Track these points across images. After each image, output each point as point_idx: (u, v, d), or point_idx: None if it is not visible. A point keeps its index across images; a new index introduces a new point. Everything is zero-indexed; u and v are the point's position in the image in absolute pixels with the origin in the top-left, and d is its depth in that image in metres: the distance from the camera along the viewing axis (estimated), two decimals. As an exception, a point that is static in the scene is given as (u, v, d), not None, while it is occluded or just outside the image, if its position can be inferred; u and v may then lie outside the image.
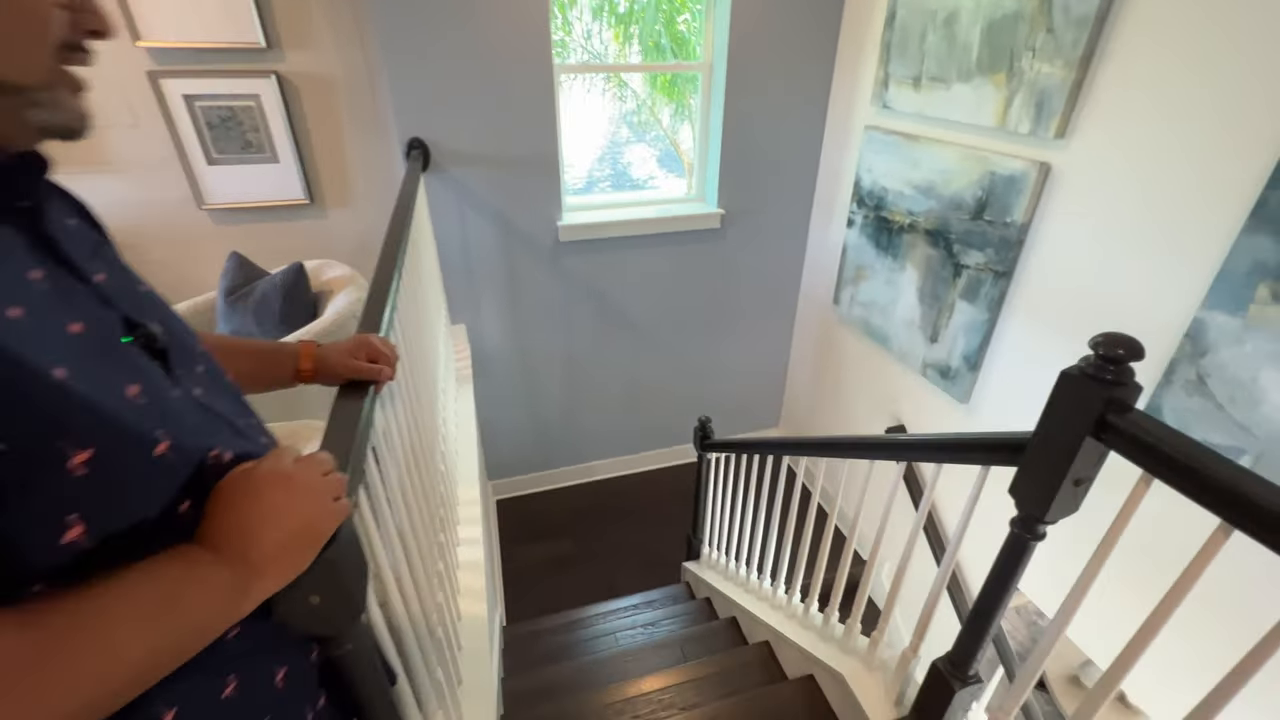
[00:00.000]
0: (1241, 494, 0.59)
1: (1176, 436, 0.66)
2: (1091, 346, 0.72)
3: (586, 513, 3.20)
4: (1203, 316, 1.36)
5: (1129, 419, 0.70)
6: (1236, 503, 0.60)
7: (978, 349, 2.00)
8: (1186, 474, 0.64)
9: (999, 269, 1.88)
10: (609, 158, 3.34)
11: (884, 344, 2.47)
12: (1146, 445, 0.67)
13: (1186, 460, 0.64)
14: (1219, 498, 0.61)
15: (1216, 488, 0.61)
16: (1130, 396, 0.71)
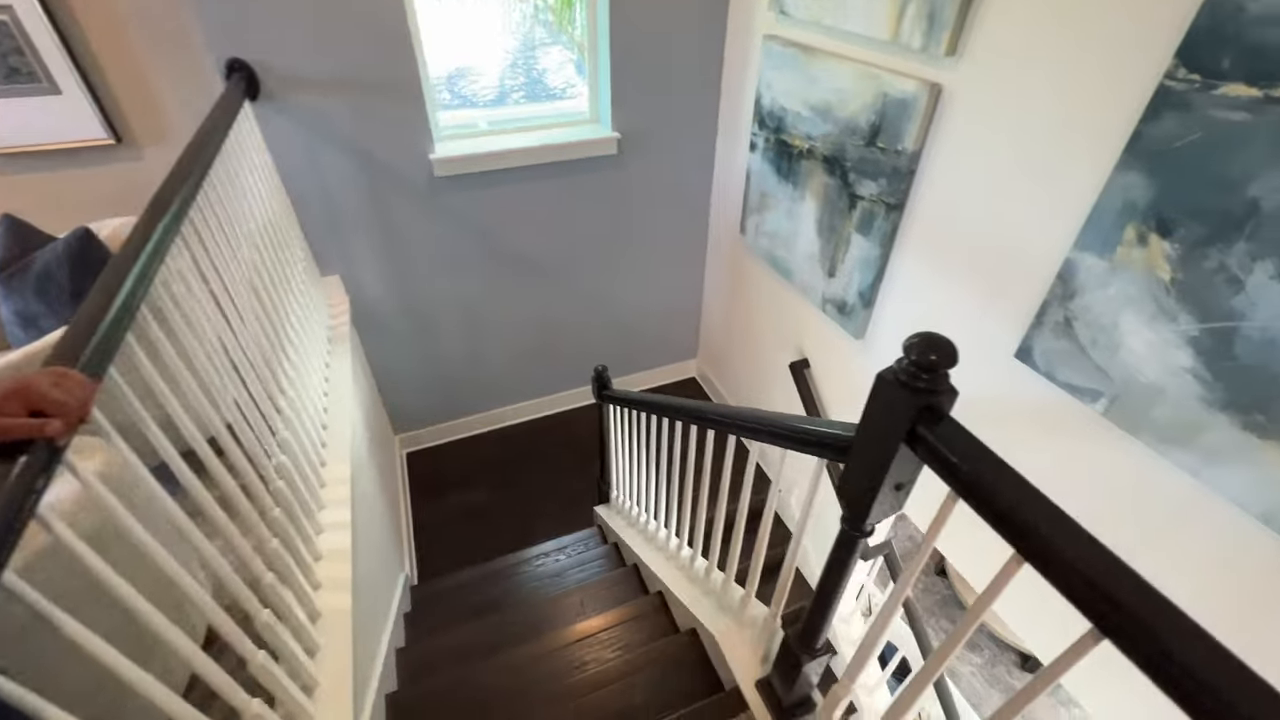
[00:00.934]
0: (1033, 529, 0.53)
1: (977, 459, 0.59)
2: (904, 350, 0.63)
3: (501, 460, 3.13)
4: (1074, 257, 1.31)
5: (938, 432, 0.62)
6: (1026, 538, 0.54)
7: (871, 285, 1.94)
8: (983, 502, 0.57)
9: (891, 201, 1.78)
10: (522, 66, 2.91)
11: (787, 277, 2.39)
12: (949, 464, 0.60)
13: (983, 487, 0.57)
14: (1010, 530, 0.55)
15: (1010, 520, 0.55)
16: (944, 404, 0.64)
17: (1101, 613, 0.49)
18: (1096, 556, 0.50)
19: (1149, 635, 0.46)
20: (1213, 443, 1.13)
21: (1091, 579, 0.49)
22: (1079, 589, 0.50)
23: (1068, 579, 0.51)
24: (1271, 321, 1.02)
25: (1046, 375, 1.42)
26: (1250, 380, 1.06)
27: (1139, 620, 0.46)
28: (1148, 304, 1.19)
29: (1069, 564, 0.51)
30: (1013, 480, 0.56)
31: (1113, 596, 0.48)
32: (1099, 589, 0.49)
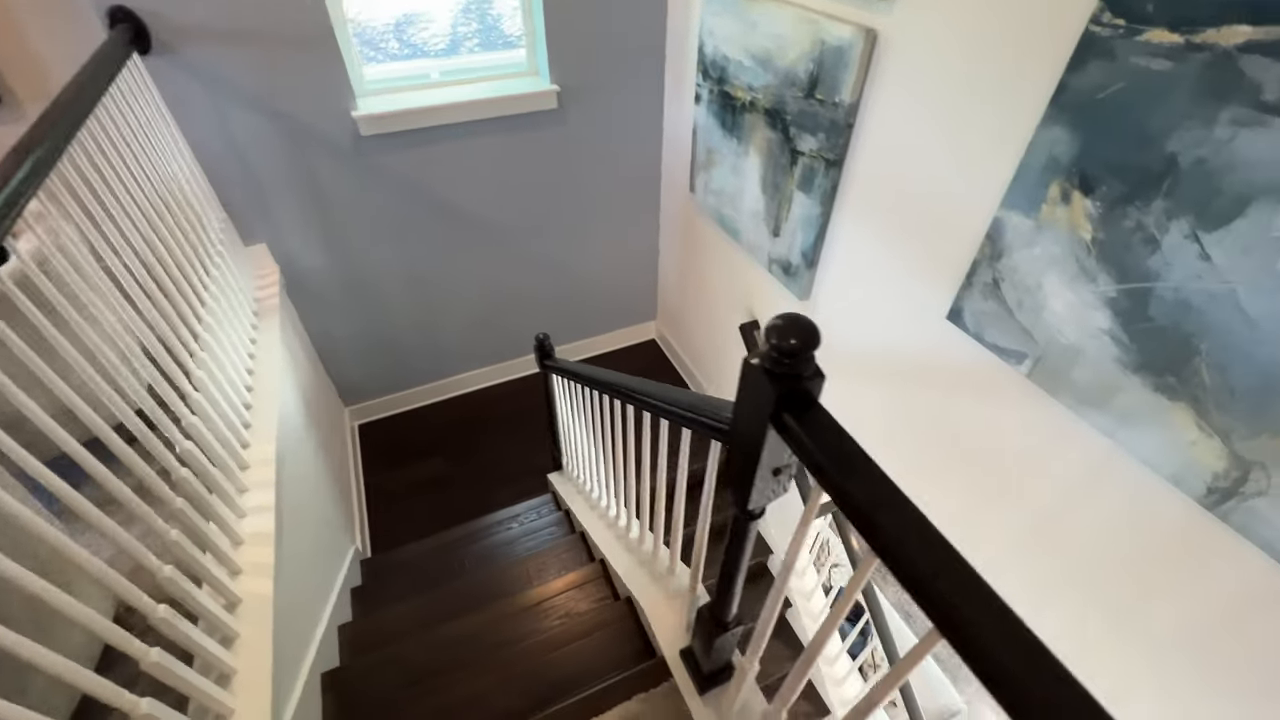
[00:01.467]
0: (879, 526, 0.51)
1: (835, 449, 0.55)
2: (766, 334, 0.58)
3: (457, 428, 3.09)
4: (1002, 216, 1.27)
5: (802, 419, 0.58)
6: (874, 533, 0.51)
7: (814, 245, 1.89)
8: (838, 493, 0.54)
9: (830, 157, 1.71)
10: (475, 11, 2.66)
11: (735, 237, 2.32)
12: (808, 452, 0.57)
13: (836, 479, 0.54)
14: (865, 527, 0.52)
15: (863, 515, 0.52)
16: (811, 389, 0.60)
17: (938, 612, 0.47)
18: (937, 555, 0.47)
19: (973, 637, 0.43)
20: (1127, 405, 1.13)
21: (930, 579, 0.47)
22: (917, 585, 0.48)
23: (910, 578, 0.48)
24: (1184, 282, 0.99)
25: (975, 337, 1.40)
26: (1163, 342, 1.05)
27: (967, 621, 0.44)
28: (1070, 264, 1.16)
29: (911, 563, 0.48)
30: (867, 473, 0.53)
31: (945, 597, 0.45)
32: (936, 590, 0.46)
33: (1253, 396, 0.95)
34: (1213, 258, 0.95)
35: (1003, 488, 1.47)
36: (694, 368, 3.24)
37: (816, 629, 1.82)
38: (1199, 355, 1.00)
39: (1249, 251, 0.90)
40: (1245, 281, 0.92)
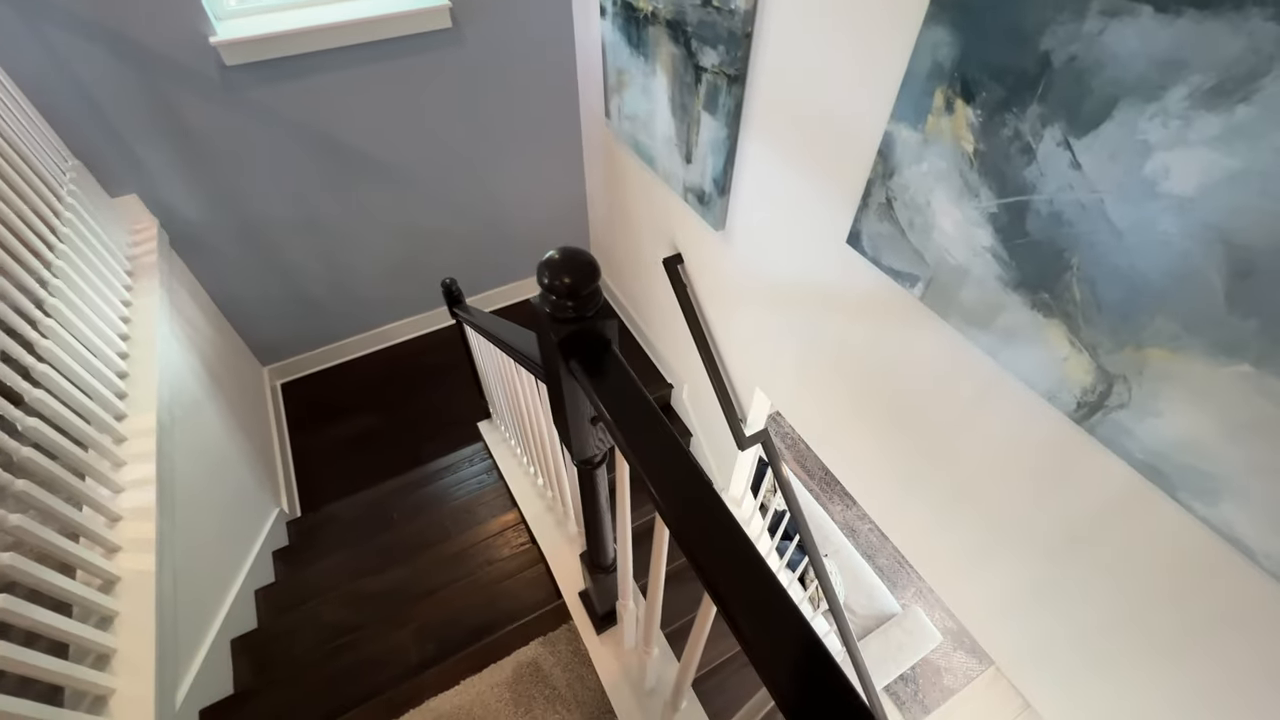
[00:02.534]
0: (641, 454, 0.46)
1: (618, 396, 0.50)
2: (539, 272, 0.52)
3: (385, 382, 2.99)
4: (892, 130, 1.20)
5: (589, 366, 0.53)
6: (645, 464, 0.47)
7: (723, 170, 1.79)
8: (624, 447, 0.49)
9: (731, 72, 1.59)
10: None
11: (651, 165, 2.20)
12: (594, 401, 0.52)
13: (620, 434, 0.49)
14: (635, 456, 0.48)
15: (644, 473, 0.48)
16: (598, 330, 0.54)
17: (702, 573, 0.43)
18: (702, 520, 0.43)
19: (730, 594, 0.40)
20: (1009, 323, 1.11)
21: (694, 546, 0.43)
22: (686, 545, 0.44)
23: (680, 536, 0.44)
24: (1057, 193, 0.95)
25: (873, 260, 1.36)
26: (1039, 257, 1.02)
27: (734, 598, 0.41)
28: (955, 179, 1.11)
29: (681, 524, 0.44)
30: (652, 430, 0.48)
31: (696, 557, 0.41)
32: (703, 556, 0.42)
33: (1117, 309, 0.93)
34: (1083, 166, 0.90)
35: (907, 412, 1.47)
36: (631, 309, 3.17)
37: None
38: (1070, 270, 0.98)
39: (1116, 157, 0.86)
40: (1112, 190, 0.88)
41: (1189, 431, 0.91)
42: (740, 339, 2.17)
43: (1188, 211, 0.81)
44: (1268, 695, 0.95)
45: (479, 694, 1.14)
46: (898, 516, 1.67)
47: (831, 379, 1.70)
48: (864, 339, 1.52)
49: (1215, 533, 0.92)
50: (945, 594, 1.60)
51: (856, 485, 1.80)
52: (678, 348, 2.70)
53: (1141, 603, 1.09)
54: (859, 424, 1.67)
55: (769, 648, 0.39)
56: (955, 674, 3.79)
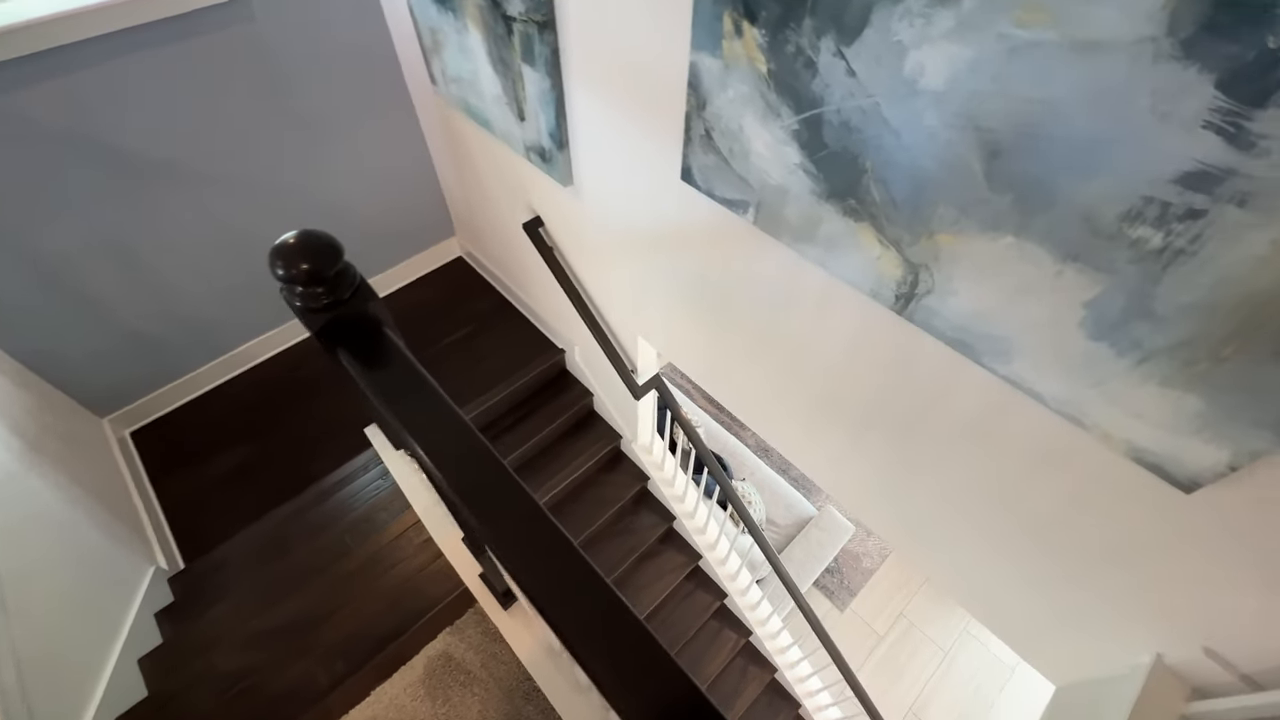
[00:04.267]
0: (406, 423, 0.45)
1: (394, 386, 0.48)
2: (270, 265, 0.47)
3: (255, 406, 2.75)
4: (695, 60, 1.20)
5: (357, 354, 0.50)
6: (428, 449, 0.45)
7: (557, 123, 1.74)
8: (391, 409, 0.47)
9: (539, 19, 1.52)
10: None
11: (488, 128, 2.10)
12: (365, 389, 0.49)
13: (391, 400, 0.47)
14: (417, 441, 0.46)
15: (412, 430, 0.46)
16: (362, 311, 0.51)
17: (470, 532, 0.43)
18: (490, 497, 0.42)
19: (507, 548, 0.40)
20: (828, 233, 1.18)
21: (471, 521, 0.42)
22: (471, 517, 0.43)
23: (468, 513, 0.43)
24: (843, 102, 1.00)
25: (707, 193, 1.39)
26: (839, 166, 1.07)
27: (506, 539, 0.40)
28: (758, 101, 1.13)
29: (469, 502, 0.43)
30: (431, 406, 0.46)
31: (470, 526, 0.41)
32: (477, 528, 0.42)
33: (909, 204, 1.01)
34: (857, 73, 0.95)
35: (766, 333, 1.54)
36: (506, 279, 3.08)
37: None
38: (866, 173, 1.04)
39: (880, 61, 0.91)
40: (883, 93, 0.93)
41: (980, 303, 1.01)
42: (613, 291, 2.18)
43: (943, 104, 0.87)
44: (1074, 518, 1.12)
45: (392, 699, 1.12)
46: (781, 429, 1.78)
47: (698, 314, 1.75)
48: (716, 271, 1.56)
49: (1015, 387, 1.05)
50: (831, 488, 1.74)
51: (742, 409, 1.90)
52: (560, 311, 2.67)
53: (971, 461, 1.23)
54: (731, 352, 1.74)
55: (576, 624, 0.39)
56: (871, 556, 4.19)
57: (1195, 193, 0.71)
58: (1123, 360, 0.89)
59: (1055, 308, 0.92)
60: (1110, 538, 1.10)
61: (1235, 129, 0.65)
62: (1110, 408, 0.94)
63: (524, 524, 0.42)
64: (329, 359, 0.51)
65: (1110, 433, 0.96)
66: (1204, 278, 0.75)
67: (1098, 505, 1.08)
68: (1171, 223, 0.75)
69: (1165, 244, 0.76)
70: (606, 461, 3.05)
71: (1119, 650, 1.22)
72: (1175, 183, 0.72)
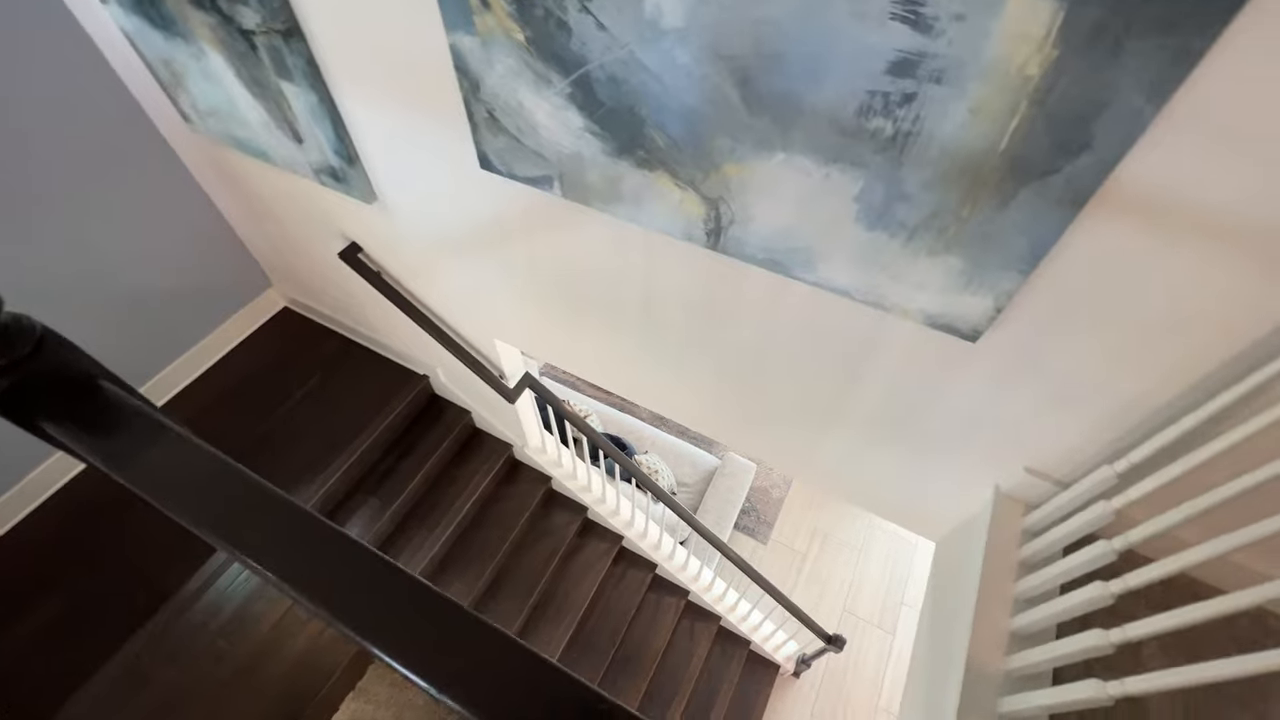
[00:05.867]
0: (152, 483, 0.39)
1: (112, 438, 0.41)
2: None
3: (62, 539, 2.31)
4: (454, 42, 1.16)
5: (71, 419, 0.42)
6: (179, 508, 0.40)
7: (338, 137, 1.61)
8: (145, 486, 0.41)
9: (279, 27, 1.39)
10: None
11: (268, 158, 1.90)
12: (89, 451, 0.42)
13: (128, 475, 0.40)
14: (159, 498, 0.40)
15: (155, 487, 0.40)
16: (57, 366, 0.43)
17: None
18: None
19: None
20: (631, 188, 1.20)
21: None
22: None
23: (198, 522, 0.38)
24: (604, 57, 1.01)
25: (509, 176, 1.36)
26: (619, 121, 1.09)
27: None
28: (526, 73, 1.12)
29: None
30: (163, 441, 0.40)
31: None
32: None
33: (690, 143, 1.05)
34: (606, 26, 0.96)
35: (607, 300, 1.56)
36: (341, 318, 2.84)
37: None
38: (645, 122, 1.07)
39: (622, 9, 0.93)
40: (635, 40, 0.96)
41: (776, 221, 1.09)
42: (454, 301, 2.09)
43: (688, 40, 0.91)
44: (898, 390, 1.26)
45: (301, 791, 1.01)
46: (651, 388, 1.82)
47: (542, 302, 1.73)
48: (544, 252, 1.55)
49: (824, 289, 1.14)
50: (708, 428, 1.81)
51: (611, 381, 1.91)
52: (409, 336, 2.52)
53: (809, 364, 1.33)
54: (581, 328, 1.74)
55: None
56: (778, 487, 4.47)
57: (904, 79, 0.80)
58: (895, 241, 0.99)
59: (833, 209, 1.01)
60: (929, 398, 1.24)
61: (915, 15, 0.74)
62: (898, 285, 1.05)
63: (301, 536, 0.38)
64: (41, 437, 0.43)
65: (905, 307, 1.08)
66: (932, 152, 0.86)
67: (913, 374, 1.21)
68: (894, 110, 0.84)
69: (895, 129, 0.86)
70: (504, 474, 2.96)
71: (965, 493, 1.40)
72: (887, 73, 0.81)
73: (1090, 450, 1.15)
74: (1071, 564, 1.06)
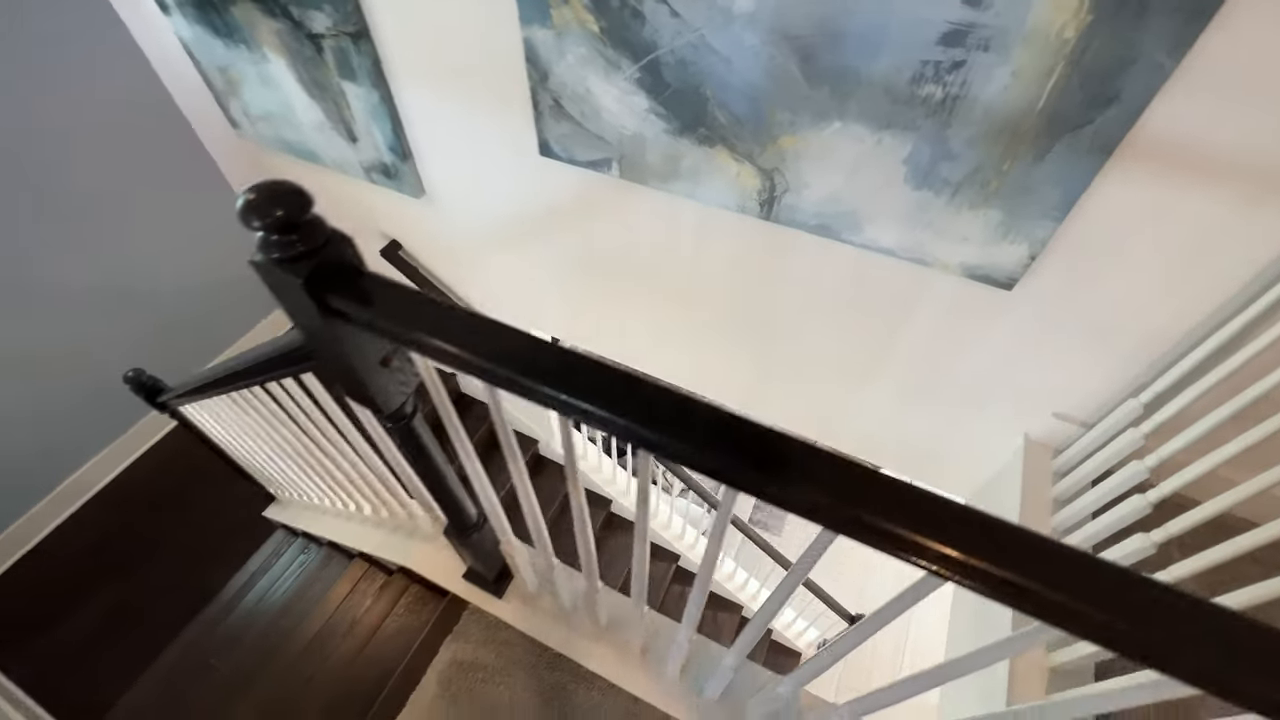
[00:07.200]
0: (472, 364, 0.48)
1: (400, 309, 0.50)
2: (243, 218, 0.48)
3: (111, 535, 2.35)
4: (528, 35, 1.27)
5: (352, 294, 0.51)
6: (472, 368, 0.49)
7: (395, 134, 1.72)
8: (431, 350, 0.50)
9: (350, 30, 1.50)
10: None
11: (315, 159, 2.00)
12: (377, 326, 0.51)
13: (417, 337, 0.49)
14: (459, 364, 0.49)
15: (453, 358, 0.49)
16: (340, 255, 0.52)
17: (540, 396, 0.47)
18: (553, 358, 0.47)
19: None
20: (690, 165, 1.31)
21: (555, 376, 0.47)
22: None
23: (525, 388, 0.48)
24: (674, 42, 1.13)
25: (569, 161, 1.47)
26: (685, 100, 1.21)
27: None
28: (598, 60, 1.24)
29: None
30: (445, 316, 0.50)
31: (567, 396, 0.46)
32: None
33: (751, 118, 1.17)
34: (680, 13, 1.09)
35: (655, 278, 1.66)
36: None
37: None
38: (709, 101, 1.19)
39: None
40: (706, 25, 1.08)
41: (828, 188, 1.20)
42: (494, 292, 2.18)
43: (757, 23, 1.03)
44: (935, 345, 1.37)
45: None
46: (685, 361, 1.91)
47: (585, 280, 1.83)
48: (594, 232, 1.65)
49: (870, 250, 1.26)
50: (743, 397, 1.91)
51: (644, 357, 2.00)
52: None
53: (852, 325, 1.45)
54: (626, 310, 1.84)
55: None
56: (788, 480, 4.55)
57: (954, 48, 0.93)
58: (940, 198, 1.11)
59: (883, 171, 1.13)
60: (964, 350, 1.36)
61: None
62: (940, 240, 1.17)
63: (600, 375, 0.47)
64: (319, 315, 0.52)
65: (946, 261, 1.20)
66: (976, 113, 0.98)
67: (949, 327, 1.33)
68: (944, 76, 0.96)
69: (945, 94, 0.98)
70: (530, 468, 3.02)
71: (997, 444, 1.51)
72: (939, 44, 0.94)
73: (1113, 389, 1.27)
74: (1106, 489, 1.17)
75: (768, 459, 0.42)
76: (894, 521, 0.40)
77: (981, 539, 0.39)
